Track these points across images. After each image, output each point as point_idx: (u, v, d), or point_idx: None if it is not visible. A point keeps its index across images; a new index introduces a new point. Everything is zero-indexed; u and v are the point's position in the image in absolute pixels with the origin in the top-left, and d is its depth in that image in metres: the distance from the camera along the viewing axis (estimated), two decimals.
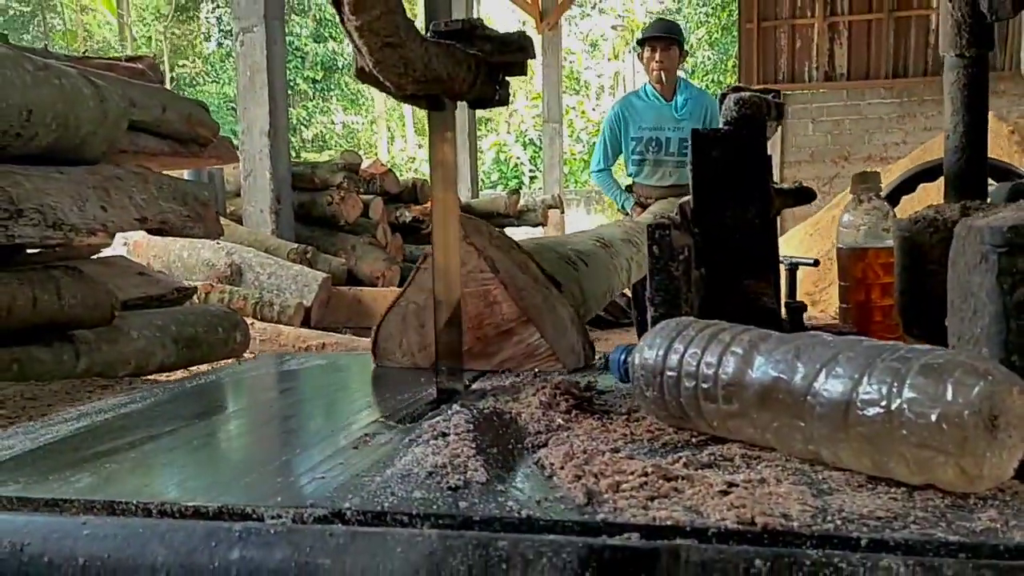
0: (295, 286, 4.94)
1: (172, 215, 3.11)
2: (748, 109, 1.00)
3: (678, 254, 0.92)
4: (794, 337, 0.77)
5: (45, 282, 2.57)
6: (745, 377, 0.76)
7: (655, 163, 4.23)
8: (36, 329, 2.60)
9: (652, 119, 4.24)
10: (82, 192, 2.69)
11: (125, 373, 3.08)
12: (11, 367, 2.51)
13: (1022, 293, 0.67)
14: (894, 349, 0.69)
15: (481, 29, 1.01)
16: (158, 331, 3.20)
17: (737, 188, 1.02)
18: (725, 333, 0.80)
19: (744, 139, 1.02)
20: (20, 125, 2.51)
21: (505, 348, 1.20)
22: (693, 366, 0.80)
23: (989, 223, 0.69)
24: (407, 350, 1.30)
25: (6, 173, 2.47)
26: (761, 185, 1.03)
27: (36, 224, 2.44)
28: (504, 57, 1.03)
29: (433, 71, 0.92)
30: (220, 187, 5.71)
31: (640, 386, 0.85)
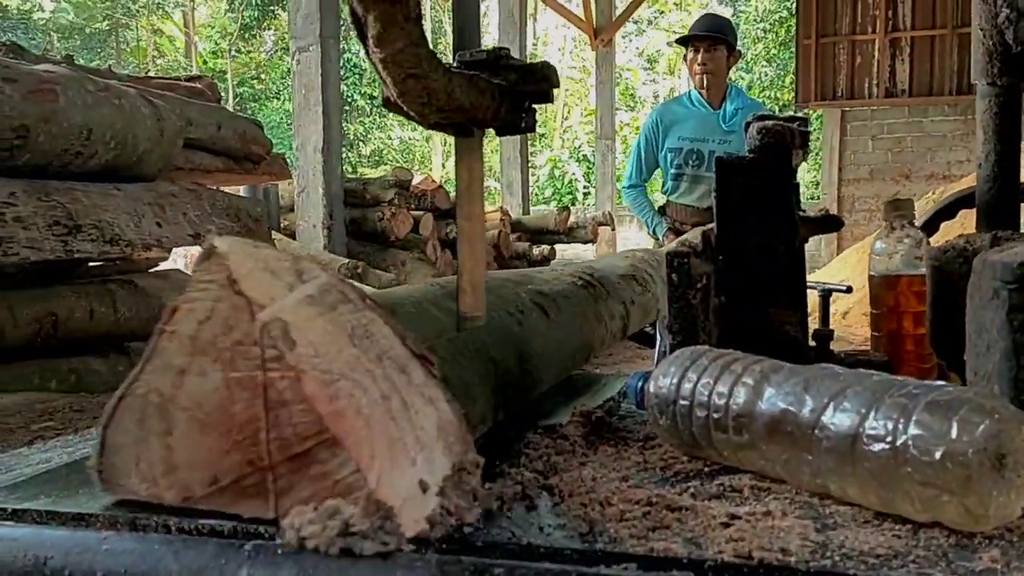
0: None
1: (225, 231, 3.20)
2: (771, 138, 1.00)
3: (696, 282, 0.92)
4: (805, 369, 0.77)
5: (102, 295, 2.66)
6: (755, 408, 0.76)
7: (694, 179, 3.61)
8: (92, 341, 2.69)
9: (694, 128, 3.61)
10: (138, 208, 2.78)
11: None
12: (69, 377, 2.61)
13: None
14: (903, 385, 0.69)
15: (506, 59, 1.03)
16: None
17: (761, 215, 1.02)
18: (738, 363, 0.81)
19: (768, 166, 1.02)
20: (80, 144, 2.60)
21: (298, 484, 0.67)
22: (705, 396, 0.81)
23: (1002, 258, 0.69)
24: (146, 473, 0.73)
25: (66, 190, 2.57)
26: (786, 213, 1.03)
27: (94, 239, 2.53)
28: (528, 86, 1.05)
29: (456, 101, 0.94)
30: (274, 202, 5.82)
31: (654, 414, 0.86)
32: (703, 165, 3.54)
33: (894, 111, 11.86)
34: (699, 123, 3.58)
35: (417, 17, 0.88)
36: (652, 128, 3.69)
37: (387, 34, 0.85)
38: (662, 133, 3.65)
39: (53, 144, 2.50)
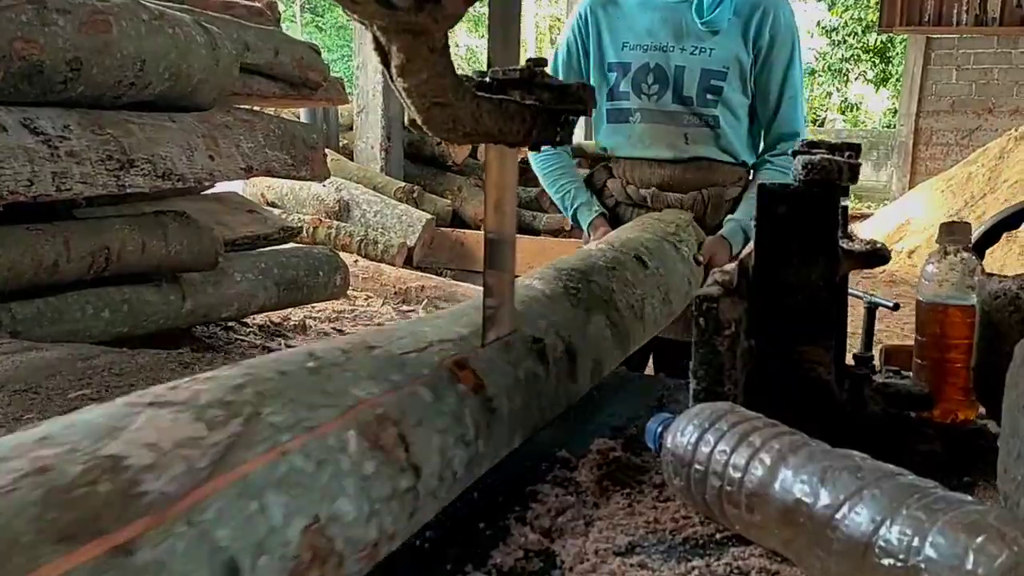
0: (400, 225, 5.03)
1: (277, 163, 3.20)
2: (818, 174, 0.94)
3: (724, 328, 0.89)
4: (825, 454, 0.74)
5: (153, 228, 2.70)
6: (769, 491, 0.74)
7: (651, 115, 2.12)
8: (144, 273, 2.74)
9: (649, 29, 2.14)
10: (191, 141, 2.78)
11: (227, 315, 3.23)
12: (121, 307, 2.67)
13: None
14: (923, 493, 0.65)
15: (541, 76, 0.98)
16: (260, 274, 3.33)
17: (803, 248, 0.97)
18: (756, 435, 0.78)
19: (815, 197, 0.97)
20: (134, 75, 2.60)
21: None
22: (720, 466, 0.78)
23: None
24: None
25: (120, 122, 2.58)
26: (829, 246, 0.98)
27: (146, 174, 2.55)
28: (563, 106, 1.00)
29: (484, 127, 0.90)
30: (334, 122, 5.80)
31: (669, 472, 0.84)
32: (665, 89, 2.10)
33: (982, 40, 11.27)
34: (658, 20, 2.13)
35: (443, 47, 0.84)
36: (578, 31, 2.20)
37: (411, 65, 0.81)
38: (594, 38, 2.19)
39: (106, 76, 2.50)
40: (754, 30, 2.09)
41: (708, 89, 2.11)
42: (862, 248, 1.01)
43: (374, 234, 4.87)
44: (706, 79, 2.11)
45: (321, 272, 3.62)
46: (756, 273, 0.98)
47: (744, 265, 1.00)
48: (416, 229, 5.01)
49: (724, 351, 0.89)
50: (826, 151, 1.01)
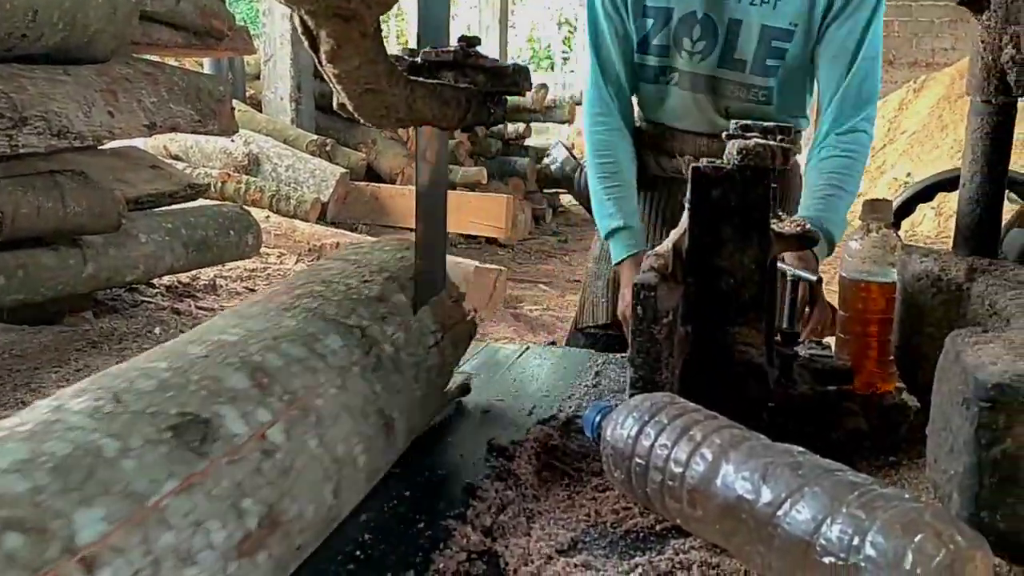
0: (313, 180, 4.91)
1: (182, 119, 3.06)
2: (752, 159, 0.94)
3: (662, 316, 0.88)
4: (766, 449, 0.74)
5: (49, 189, 2.55)
6: (711, 487, 0.74)
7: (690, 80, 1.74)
8: (41, 237, 2.59)
9: None
10: (89, 96, 2.64)
11: (133, 279, 3.10)
12: (16, 273, 2.53)
13: (999, 451, 0.64)
14: (863, 491, 0.66)
15: (475, 58, 0.94)
16: (167, 234, 3.20)
17: (737, 232, 0.97)
18: (697, 429, 0.78)
19: (748, 180, 0.97)
20: (26, 26, 2.44)
21: None
22: (661, 460, 0.78)
23: (977, 369, 0.66)
24: None
25: (11, 76, 2.42)
26: (762, 229, 0.98)
27: (41, 132, 2.41)
28: (497, 88, 0.97)
29: (417, 112, 0.87)
30: (240, 71, 5.58)
31: (609, 465, 0.84)
32: (714, 47, 1.71)
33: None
34: None
35: (375, 32, 0.80)
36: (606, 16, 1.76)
37: (342, 51, 0.77)
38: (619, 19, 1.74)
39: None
40: None
41: (768, 53, 1.69)
42: (792, 230, 1.02)
43: (286, 189, 4.74)
44: (767, 39, 1.69)
45: (232, 231, 3.50)
46: (690, 257, 0.98)
47: (678, 248, 0.99)
48: (329, 184, 4.89)
49: (662, 339, 0.89)
50: (759, 134, 1.01)
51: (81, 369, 1.82)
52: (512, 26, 19.10)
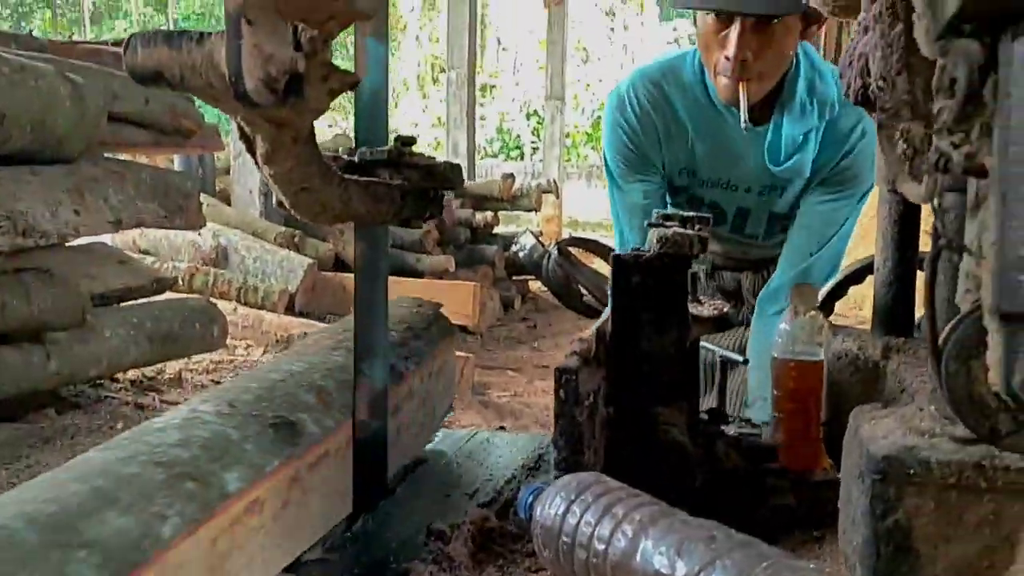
0: (280, 271, 4.94)
1: (148, 215, 3.11)
2: (669, 247, 1.01)
3: (583, 399, 0.93)
4: (683, 525, 0.78)
5: (14, 287, 2.57)
6: (632, 562, 0.77)
7: None
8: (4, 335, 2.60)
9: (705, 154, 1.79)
10: (55, 196, 2.68)
11: (97, 374, 3.09)
12: None
13: (892, 521, 0.68)
14: (770, 563, 0.70)
15: (408, 156, 1.01)
16: (133, 328, 3.20)
17: (656, 316, 1.03)
18: (620, 506, 0.81)
19: (667, 267, 1.03)
20: None
21: None
22: (586, 537, 0.81)
23: (869, 442, 0.70)
24: None
25: None
26: (681, 313, 1.04)
27: (5, 232, 2.44)
28: (430, 184, 1.03)
29: (352, 209, 0.93)
30: (210, 166, 5.67)
31: (539, 544, 0.87)
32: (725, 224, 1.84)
33: None
34: (719, 149, 1.77)
35: (308, 136, 0.85)
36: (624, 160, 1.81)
37: (276, 154, 0.83)
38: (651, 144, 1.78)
39: None
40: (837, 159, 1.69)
41: (777, 228, 1.79)
42: (711, 313, 1.08)
43: (254, 281, 4.77)
44: (774, 221, 1.79)
45: (197, 323, 3.52)
46: (612, 341, 1.03)
47: (601, 333, 1.04)
48: (297, 274, 4.93)
49: (584, 421, 0.93)
50: (678, 224, 1.07)
51: (32, 465, 1.82)
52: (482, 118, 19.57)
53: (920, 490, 0.67)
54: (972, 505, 0.66)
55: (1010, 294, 0.50)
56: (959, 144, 0.53)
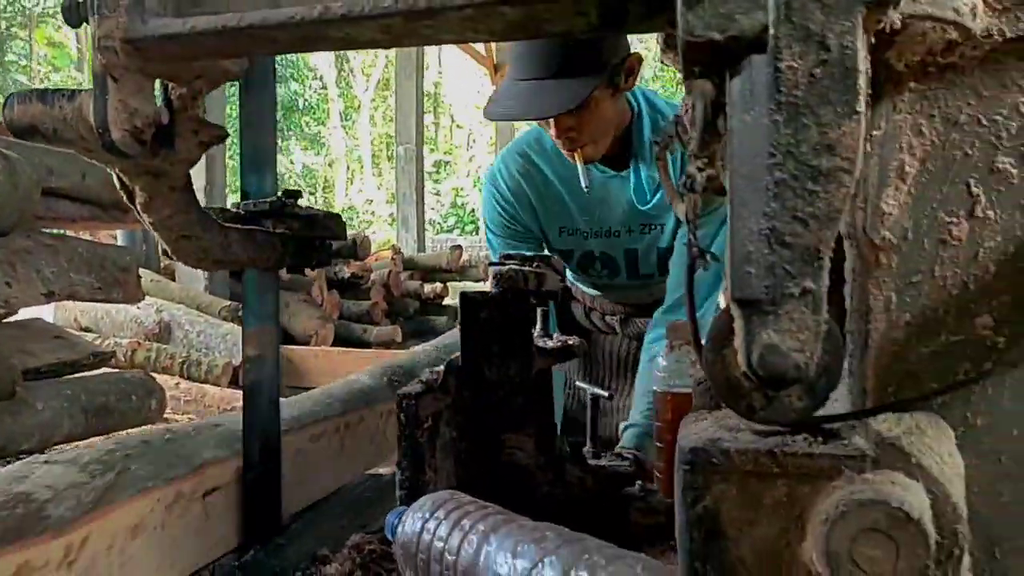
0: (224, 344, 4.94)
1: (82, 287, 3.13)
2: (505, 283, 1.09)
3: (423, 422, 0.99)
4: (521, 528, 0.83)
5: None
6: (477, 568, 0.82)
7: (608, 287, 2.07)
8: None
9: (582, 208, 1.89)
10: None
11: (27, 447, 3.06)
12: None
13: (701, 509, 0.74)
14: (591, 555, 0.75)
15: (291, 207, 1.07)
16: (66, 401, 3.19)
17: (502, 348, 1.11)
18: (467, 519, 0.86)
19: (509, 303, 1.11)
20: None
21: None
22: (439, 552, 0.86)
23: (682, 440, 0.76)
24: None
25: None
26: (525, 345, 1.12)
27: None
28: (313, 234, 1.09)
29: (233, 255, 0.98)
30: (153, 243, 5.70)
31: (401, 563, 0.91)
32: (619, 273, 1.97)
33: None
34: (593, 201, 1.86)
35: (185, 185, 0.92)
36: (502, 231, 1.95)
37: (153, 203, 0.89)
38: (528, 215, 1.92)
39: None
40: None
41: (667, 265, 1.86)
42: (555, 345, 1.16)
43: (197, 355, 4.76)
44: (665, 256, 1.86)
45: (134, 396, 3.51)
46: (462, 370, 1.10)
47: (451, 365, 1.11)
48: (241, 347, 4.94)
49: (424, 442, 0.99)
50: (518, 262, 1.15)
51: None
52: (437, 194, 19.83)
53: (724, 477, 0.73)
54: (769, 489, 0.72)
55: (742, 283, 0.58)
56: (703, 168, 0.61)
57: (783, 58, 0.56)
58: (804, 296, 0.57)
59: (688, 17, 0.54)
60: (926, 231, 0.72)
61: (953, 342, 0.72)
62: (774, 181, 0.57)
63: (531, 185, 1.90)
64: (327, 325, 5.72)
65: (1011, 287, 0.71)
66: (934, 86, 0.71)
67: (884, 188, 0.73)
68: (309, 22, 0.68)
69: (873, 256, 0.74)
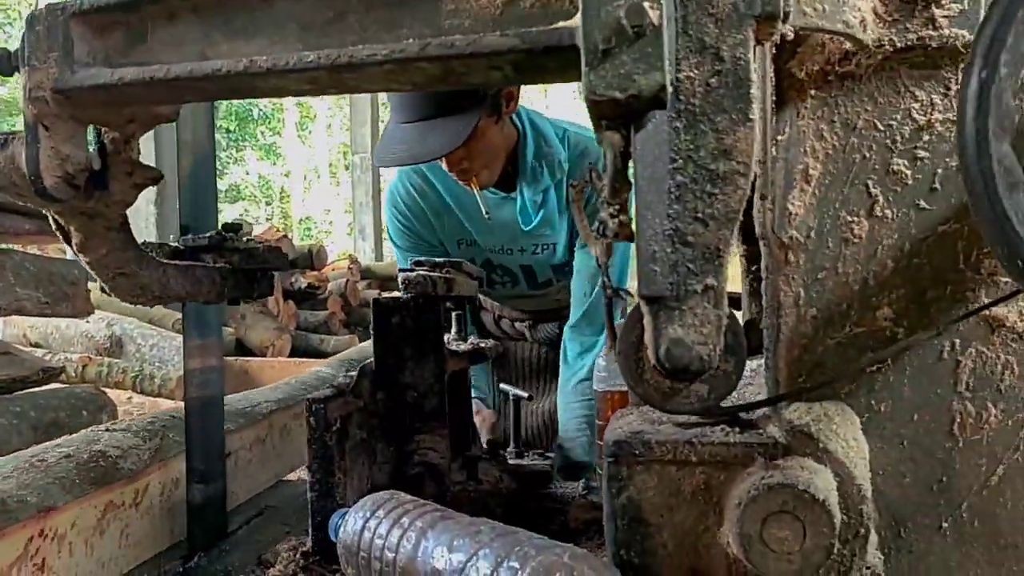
0: (178, 357, 4.90)
1: (28, 302, 3.10)
2: (413, 289, 1.12)
3: (332, 425, 1.02)
4: (457, 523, 0.86)
5: None
6: (416, 563, 0.85)
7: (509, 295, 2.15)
8: None
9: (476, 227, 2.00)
10: None
11: None
12: None
13: (624, 498, 0.77)
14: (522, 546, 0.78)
15: (231, 241, 1.09)
16: (15, 417, 3.15)
17: (415, 350, 1.14)
18: (406, 517, 0.89)
19: (420, 307, 1.15)
20: None
21: None
22: (379, 549, 0.88)
23: (608, 433, 0.80)
24: None
25: None
26: (437, 348, 1.16)
27: None
28: (253, 266, 1.11)
29: (172, 290, 1.00)
30: None
31: (343, 562, 0.93)
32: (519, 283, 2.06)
33: None
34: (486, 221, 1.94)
35: (121, 224, 0.93)
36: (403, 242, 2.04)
37: (89, 243, 0.90)
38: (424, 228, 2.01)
39: None
40: None
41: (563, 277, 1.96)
42: (467, 348, 1.20)
43: (150, 368, 4.72)
44: (559, 271, 1.98)
45: (85, 411, 3.47)
46: (376, 374, 1.13)
47: (365, 369, 1.14)
48: None
49: (333, 444, 1.02)
50: (427, 268, 1.19)
51: None
52: None
53: (646, 467, 0.77)
54: (687, 477, 0.76)
55: (648, 281, 0.61)
56: (615, 214, 0.65)
57: (681, 68, 0.60)
58: (706, 292, 0.61)
59: (591, 77, 0.57)
60: (830, 230, 0.77)
61: (857, 333, 0.77)
62: (675, 184, 0.60)
63: (427, 202, 1.97)
64: (284, 336, 5.69)
65: (908, 281, 0.75)
66: (834, 93, 0.76)
67: (790, 190, 0.77)
68: (235, 75, 0.70)
69: (782, 254, 0.78)
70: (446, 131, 1.60)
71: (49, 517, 0.99)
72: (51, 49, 0.76)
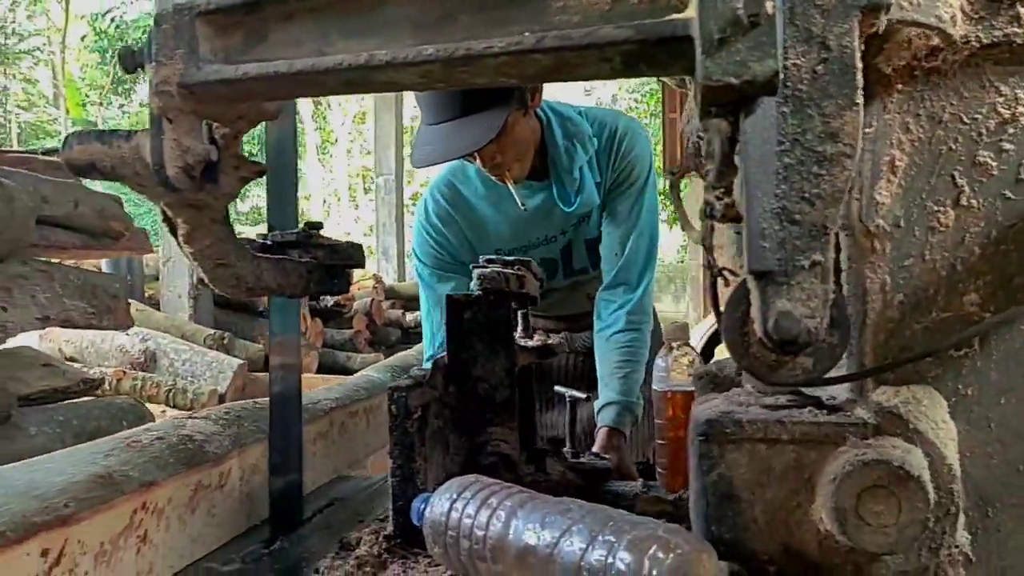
0: (210, 372, 4.95)
1: (75, 312, 3.15)
2: (489, 284, 1.16)
3: (412, 413, 1.05)
4: (545, 503, 0.89)
5: None
6: (506, 541, 0.87)
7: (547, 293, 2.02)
8: None
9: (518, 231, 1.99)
10: None
11: None
12: None
13: (715, 475, 0.80)
14: (615, 522, 0.81)
15: (315, 237, 1.13)
16: (59, 426, 3.20)
17: (486, 345, 1.18)
18: (494, 498, 0.92)
19: (492, 303, 1.18)
20: None
21: None
22: (468, 528, 0.91)
23: (697, 414, 0.83)
24: None
25: None
26: (507, 343, 1.19)
27: None
28: (335, 262, 1.15)
29: (263, 282, 1.04)
30: (138, 272, 5.72)
31: (430, 541, 0.96)
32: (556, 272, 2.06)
33: None
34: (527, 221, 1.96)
35: (224, 217, 0.97)
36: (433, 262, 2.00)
37: (195, 233, 0.94)
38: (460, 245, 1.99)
39: None
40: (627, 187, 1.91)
41: (596, 256, 2.01)
42: (536, 344, 1.23)
43: (183, 383, 4.77)
44: (593, 246, 2.02)
45: (125, 421, 3.52)
46: (449, 367, 1.17)
47: (439, 362, 1.18)
48: (227, 375, 4.95)
49: (414, 432, 1.05)
50: (500, 265, 1.22)
51: None
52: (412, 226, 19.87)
53: (736, 446, 0.80)
54: (778, 455, 0.79)
55: (757, 256, 0.64)
56: (721, 197, 0.68)
57: (788, 56, 0.63)
58: (813, 268, 0.64)
59: (707, 64, 0.61)
60: (916, 219, 0.80)
61: (944, 318, 0.79)
62: (783, 166, 0.64)
63: (460, 213, 1.99)
64: (311, 353, 5.74)
65: (994, 268, 0.78)
66: (919, 88, 0.79)
67: (877, 180, 0.80)
68: (355, 68, 0.74)
69: (868, 243, 0.81)
70: (478, 127, 1.64)
71: (151, 491, 1.03)
72: (177, 46, 0.80)
